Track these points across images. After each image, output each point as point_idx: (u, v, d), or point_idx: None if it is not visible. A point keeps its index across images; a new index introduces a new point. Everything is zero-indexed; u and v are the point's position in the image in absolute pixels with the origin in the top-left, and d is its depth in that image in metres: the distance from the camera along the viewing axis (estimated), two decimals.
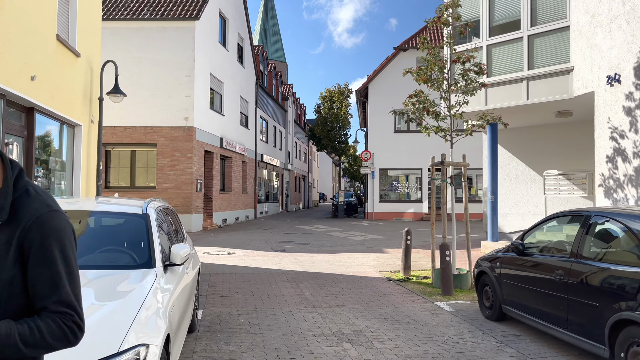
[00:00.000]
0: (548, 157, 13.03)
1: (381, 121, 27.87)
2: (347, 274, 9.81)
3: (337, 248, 14.12)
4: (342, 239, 16.74)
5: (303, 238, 16.93)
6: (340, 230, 20.29)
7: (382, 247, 14.46)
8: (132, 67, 18.34)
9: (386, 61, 27.87)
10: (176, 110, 18.30)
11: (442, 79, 9.14)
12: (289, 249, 13.87)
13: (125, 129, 18.33)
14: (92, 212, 4.46)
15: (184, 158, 18.26)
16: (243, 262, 11.29)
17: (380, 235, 18.13)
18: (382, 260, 11.62)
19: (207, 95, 19.89)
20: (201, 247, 13.82)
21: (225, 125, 22.36)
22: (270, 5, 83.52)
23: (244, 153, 25.23)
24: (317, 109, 32.40)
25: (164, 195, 18.13)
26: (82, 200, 5.03)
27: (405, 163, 27.68)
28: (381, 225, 23.22)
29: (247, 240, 15.86)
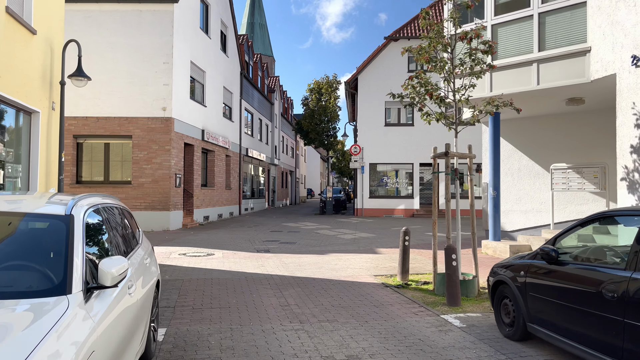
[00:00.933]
0: (554, 149, 12.07)
1: (371, 114, 26.84)
2: (338, 279, 8.74)
3: (326, 248, 13.05)
4: (331, 238, 15.68)
5: (289, 237, 15.84)
6: (329, 228, 19.22)
7: (374, 246, 13.42)
8: (106, 53, 17.05)
9: (376, 51, 26.80)
10: (153, 100, 17.06)
11: (445, 60, 8.06)
12: (274, 249, 12.77)
13: (99, 119, 17.04)
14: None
15: (161, 151, 17.03)
16: (222, 264, 10.16)
17: (371, 234, 17.10)
18: (375, 262, 10.58)
19: (187, 84, 18.66)
20: (177, 247, 12.65)
21: (207, 117, 21.13)
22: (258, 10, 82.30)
23: (228, 146, 24.02)
24: (305, 102, 31.25)
25: (141, 191, 16.92)
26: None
27: (396, 157, 26.69)
28: (371, 223, 22.21)
29: (228, 240, 14.72)
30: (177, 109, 17.55)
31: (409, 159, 26.62)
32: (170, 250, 12.18)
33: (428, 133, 25.94)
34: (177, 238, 14.85)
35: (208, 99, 21.32)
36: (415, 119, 26.61)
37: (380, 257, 11.32)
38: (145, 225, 16.86)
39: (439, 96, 7.94)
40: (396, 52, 26.57)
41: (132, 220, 5.08)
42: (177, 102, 17.54)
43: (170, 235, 15.73)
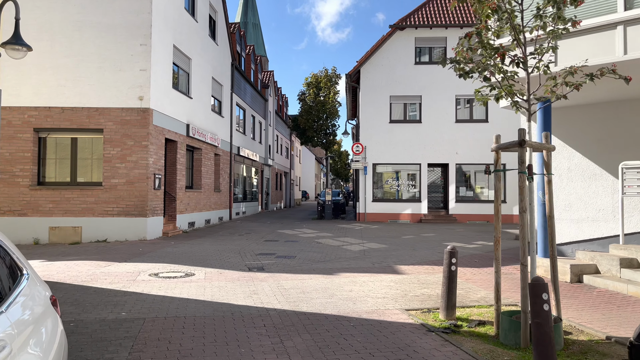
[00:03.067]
0: (619, 144, 9.78)
1: (375, 110, 24.53)
2: (359, 316, 6.38)
3: (333, 265, 10.69)
4: (336, 250, 13.33)
5: (287, 248, 13.47)
6: (332, 237, 16.86)
7: (391, 262, 11.07)
8: (73, 32, 14.61)
9: (381, 41, 24.50)
10: (128, 88, 14.63)
11: (514, 12, 5.71)
12: (270, 266, 10.39)
13: (64, 110, 14.58)
14: None
15: (137, 147, 14.60)
16: (203, 291, 7.77)
17: (381, 244, 14.75)
18: (401, 287, 8.22)
19: (168, 71, 16.23)
20: (149, 264, 10.23)
21: (193, 110, 18.71)
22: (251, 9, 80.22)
23: (217, 144, 21.60)
24: (301, 97, 28.87)
25: (113, 194, 14.48)
26: None
27: (402, 157, 24.39)
28: (377, 230, 19.87)
29: (215, 252, 12.32)
30: (156, 98, 15.13)
31: (416, 158, 24.33)
32: (140, 268, 9.76)
33: (436, 130, 23.73)
34: (153, 250, 12.43)
35: (194, 90, 18.91)
36: (422, 115, 24.34)
37: (405, 280, 8.96)
38: (118, 234, 14.42)
39: (515, 59, 5.57)
40: (402, 42, 24.32)
41: (6, 247, 2.71)
42: (156, 90, 15.12)
43: (145, 246, 13.30)
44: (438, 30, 24.29)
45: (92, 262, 10.41)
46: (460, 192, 24.36)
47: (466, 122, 24.27)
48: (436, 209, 24.70)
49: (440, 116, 24.25)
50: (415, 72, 24.45)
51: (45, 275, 8.92)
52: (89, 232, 14.40)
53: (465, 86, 24.00)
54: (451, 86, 24.21)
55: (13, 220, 14.23)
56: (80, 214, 14.43)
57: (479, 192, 24.37)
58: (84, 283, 8.26)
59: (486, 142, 23.98)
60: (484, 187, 24.36)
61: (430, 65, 24.45)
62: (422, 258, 11.68)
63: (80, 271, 9.34)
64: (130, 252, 12.13)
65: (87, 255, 11.64)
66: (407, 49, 24.47)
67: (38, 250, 12.57)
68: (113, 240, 14.42)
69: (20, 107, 14.48)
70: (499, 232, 5.93)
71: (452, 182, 24.20)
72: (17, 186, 14.40)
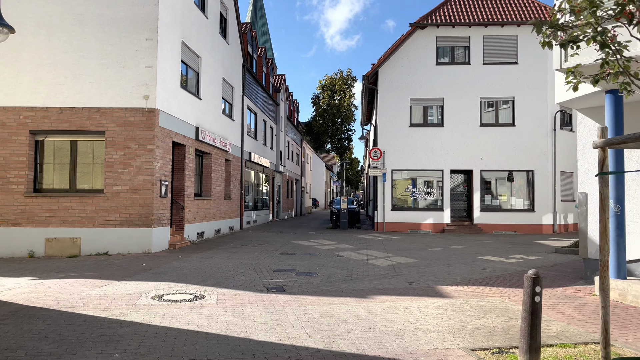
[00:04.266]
0: None
1: (394, 113, 23.18)
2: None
3: (364, 284, 9.30)
4: (361, 265, 11.94)
5: (307, 262, 12.10)
6: (352, 249, 15.47)
7: (430, 281, 9.66)
8: (73, 26, 13.43)
9: (400, 40, 23.19)
10: (132, 86, 13.40)
11: None
12: (291, 285, 9.03)
13: (62, 110, 13.37)
14: None
15: (142, 151, 13.34)
16: (215, 321, 6.42)
17: (409, 258, 13.34)
18: (455, 316, 6.82)
19: (176, 68, 15.01)
20: (153, 283, 8.89)
21: (202, 112, 17.47)
22: (260, 5, 79.43)
23: (228, 149, 20.33)
24: (315, 100, 27.57)
25: (115, 202, 13.22)
26: None
27: (423, 163, 22.97)
28: (399, 241, 18.44)
29: (227, 268, 10.97)
30: (163, 98, 13.89)
31: (438, 164, 22.91)
32: (142, 288, 8.43)
33: (460, 135, 22.33)
34: (158, 266, 11.10)
35: (204, 91, 17.67)
36: (444, 119, 22.95)
37: (454, 305, 7.54)
38: (120, 246, 13.14)
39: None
40: (423, 41, 23.02)
41: None
42: (163, 89, 13.88)
43: (150, 260, 11.98)
44: (461, 29, 22.95)
45: (88, 281, 9.10)
46: (485, 201, 22.88)
47: (491, 126, 22.84)
48: (459, 218, 23.23)
49: (464, 120, 22.85)
50: (437, 73, 23.09)
51: (31, 298, 7.61)
52: (89, 243, 13.12)
53: (490, 88, 22.62)
54: (475, 88, 22.83)
55: (6, 230, 12.99)
56: (80, 224, 13.17)
57: (505, 200, 22.87)
58: (73, 309, 6.93)
59: (513, 147, 22.57)
60: (511, 195, 22.87)
61: (452, 65, 23.09)
62: (462, 276, 10.26)
63: (72, 293, 8.03)
64: (132, 267, 10.82)
65: (83, 271, 10.33)
66: (427, 49, 23.14)
67: (31, 265, 11.29)
68: (115, 253, 13.12)
69: (15, 107, 13.29)
70: (606, 254, 4.51)
71: (477, 190, 22.74)
72: (12, 193, 13.17)
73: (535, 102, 22.59)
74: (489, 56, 22.96)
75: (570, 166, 23.87)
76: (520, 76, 22.70)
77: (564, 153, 23.25)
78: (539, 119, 22.59)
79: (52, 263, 11.63)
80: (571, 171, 24.00)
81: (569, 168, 23.81)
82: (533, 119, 22.60)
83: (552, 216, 22.46)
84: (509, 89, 22.74)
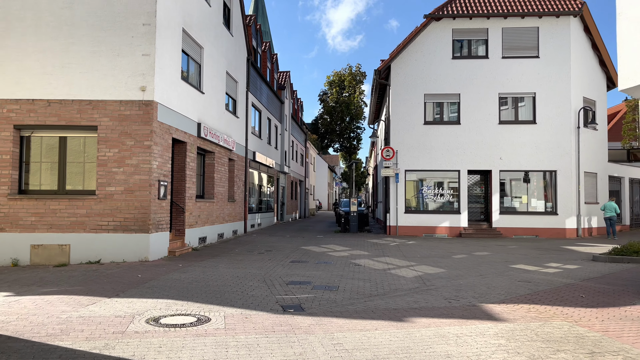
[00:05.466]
0: None
1: (407, 110, 21.88)
2: None
3: (395, 301, 7.97)
4: (383, 275, 10.62)
5: (322, 273, 10.78)
6: (369, 256, 14.15)
7: (470, 297, 8.32)
8: (62, 10, 12.14)
9: (414, 33, 21.89)
10: (128, 77, 12.10)
11: None
12: (310, 303, 7.70)
13: (50, 103, 12.08)
14: None
15: (139, 148, 12.04)
16: (225, 354, 5.11)
17: (435, 267, 12.01)
18: (523, 349, 5.47)
19: (176, 58, 13.71)
20: (149, 300, 7.57)
21: (204, 107, 16.16)
22: (261, 5, 78.26)
23: (232, 148, 19.02)
24: (322, 97, 26.24)
25: (109, 204, 11.92)
26: None
27: (438, 163, 21.65)
28: (416, 246, 17.11)
29: (234, 280, 9.65)
30: (162, 90, 12.58)
31: (454, 164, 21.59)
32: (135, 308, 7.10)
33: (477, 133, 21.04)
34: (155, 277, 9.78)
35: (206, 85, 16.37)
36: (461, 116, 21.63)
37: (515, 333, 6.19)
38: (113, 253, 11.84)
39: None
40: (438, 34, 21.74)
41: None
42: (162, 80, 12.58)
43: (146, 270, 10.66)
44: (478, 20, 21.65)
45: (72, 298, 7.78)
46: (505, 203, 21.54)
47: (511, 124, 21.51)
48: (476, 221, 21.89)
49: (482, 117, 21.53)
50: (453, 68, 21.78)
51: (1, 321, 6.29)
52: (79, 251, 11.81)
53: (510, 83, 21.35)
54: (494, 83, 21.53)
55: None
56: (69, 229, 11.86)
57: (525, 202, 21.53)
58: (49, 339, 5.61)
59: (534, 146, 21.26)
60: (531, 197, 21.53)
61: (469, 59, 21.78)
62: (505, 291, 8.93)
63: (50, 315, 6.71)
64: (126, 279, 9.50)
65: (70, 284, 9.02)
66: (443, 42, 21.84)
67: (12, 276, 9.97)
68: (108, 262, 11.81)
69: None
70: None
71: (496, 192, 21.41)
72: None
73: (558, 98, 21.28)
74: (508, 49, 21.65)
75: (594, 166, 22.54)
76: (542, 70, 21.39)
77: (587, 153, 21.93)
78: (562, 115, 21.28)
79: (37, 274, 10.31)
80: (595, 172, 22.68)
81: (593, 168, 22.49)
82: (555, 116, 21.29)
83: (575, 219, 21.12)
84: (529, 84, 21.43)
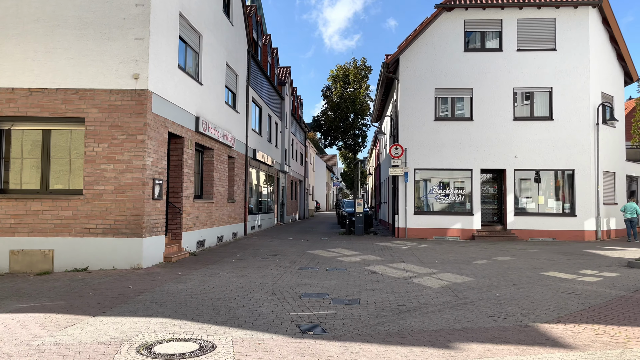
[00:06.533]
0: None
1: (416, 104, 20.73)
2: None
3: (430, 319, 6.78)
4: (405, 285, 9.44)
5: (337, 282, 9.58)
6: (382, 261, 12.98)
7: (517, 313, 7.14)
8: None
9: (424, 24, 20.74)
10: (119, 63, 10.88)
11: None
12: (330, 321, 6.51)
13: (32, 92, 10.84)
14: None
15: (131, 142, 10.81)
16: None
17: (460, 274, 10.84)
18: None
19: (173, 44, 12.49)
20: (140, 320, 6.34)
21: (203, 100, 14.95)
22: (258, 3, 77.02)
23: (232, 145, 17.81)
24: (326, 93, 25.05)
25: (97, 205, 10.69)
26: None
27: (450, 162, 20.51)
28: (430, 250, 15.95)
29: (239, 292, 8.44)
30: (157, 78, 11.37)
31: (467, 163, 20.45)
32: (124, 331, 5.89)
33: (491, 130, 19.93)
34: (149, 289, 8.56)
35: (205, 76, 15.15)
36: (474, 112, 20.50)
37: None
38: (102, 260, 10.62)
39: None
40: (449, 25, 20.62)
41: None
42: (157, 68, 11.36)
43: (139, 279, 9.44)
44: (492, 11, 20.53)
45: (50, 317, 6.56)
46: (520, 204, 20.42)
47: (526, 120, 20.39)
48: (489, 223, 20.76)
49: (495, 113, 20.41)
50: (465, 61, 20.65)
51: None
52: (64, 257, 10.58)
53: (525, 77, 20.25)
54: (508, 77, 20.41)
55: None
56: (53, 233, 10.62)
57: (542, 203, 20.42)
58: None
59: (550, 144, 20.15)
60: (548, 197, 20.42)
61: (482, 52, 20.66)
62: (552, 305, 7.76)
63: (20, 340, 5.49)
64: (115, 291, 8.28)
65: (50, 297, 7.80)
66: (455, 34, 20.70)
67: None
68: (96, 269, 10.58)
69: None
70: None
71: (510, 192, 20.28)
72: None
73: (576, 93, 20.18)
74: (523, 42, 20.53)
75: (612, 165, 21.46)
76: (559, 64, 20.29)
77: (605, 151, 20.85)
78: (580, 111, 20.18)
79: (14, 284, 9.07)
80: (613, 171, 21.60)
81: (611, 167, 21.40)
82: (573, 111, 20.19)
83: (595, 221, 20.02)
84: (546, 78, 20.32)
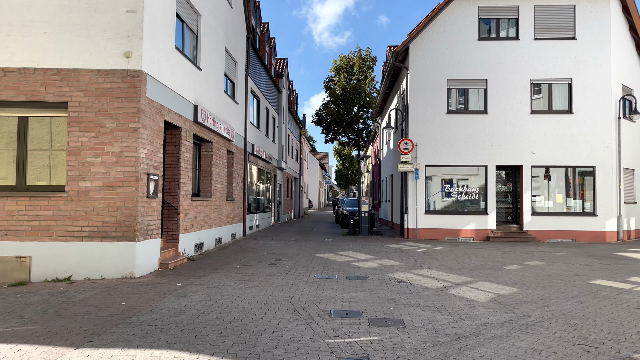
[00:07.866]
0: None
1: (427, 97, 19.40)
2: None
3: (505, 349, 5.42)
4: (445, 298, 8.09)
5: (366, 295, 8.20)
6: (405, 267, 11.62)
7: (608, 340, 5.81)
8: None
9: (435, 11, 19.41)
10: (108, 39, 9.37)
11: None
12: (378, 352, 5.14)
13: (6, 72, 9.29)
14: None
15: (122, 131, 9.31)
16: None
17: (501, 284, 9.52)
18: None
19: (170, 20, 11.00)
20: (139, 351, 4.88)
21: (202, 87, 13.46)
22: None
23: (231, 138, 16.33)
24: (328, 84, 23.64)
25: (82, 204, 9.18)
26: None
27: (463, 158, 19.22)
28: (449, 254, 14.63)
29: (253, 309, 7.01)
30: (152, 58, 9.87)
31: (481, 159, 19.18)
32: None
33: (507, 124, 18.69)
34: (146, 306, 7.09)
35: (204, 60, 13.66)
36: (488, 104, 19.23)
37: None
38: (89, 267, 9.12)
39: None
40: (463, 12, 19.32)
41: None
42: (152, 46, 9.87)
43: (133, 293, 7.96)
44: None
45: (20, 351, 5.08)
46: (537, 203, 19.21)
47: (544, 114, 19.17)
48: (504, 223, 19.53)
49: (512, 106, 19.16)
50: (479, 50, 19.36)
51: None
52: (43, 264, 9.06)
53: (543, 67, 19.02)
54: (524, 68, 19.17)
55: None
56: (30, 237, 9.10)
57: (561, 202, 19.22)
58: None
59: (570, 139, 18.96)
60: (567, 195, 19.23)
61: (498, 41, 19.38)
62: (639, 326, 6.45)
63: None
64: (103, 310, 6.81)
65: (23, 319, 6.31)
66: (468, 22, 19.40)
67: None
68: (81, 279, 9.08)
69: None
70: None
71: (527, 190, 19.05)
72: None
73: (597, 85, 19.00)
74: (541, 30, 19.29)
75: (632, 162, 20.34)
76: (579, 54, 19.09)
77: (625, 147, 19.72)
78: (601, 104, 19.01)
79: None
80: (632, 168, 20.48)
81: (631, 164, 20.29)
82: (594, 105, 19.01)
83: (616, 221, 18.87)
84: (565, 69, 19.11)
